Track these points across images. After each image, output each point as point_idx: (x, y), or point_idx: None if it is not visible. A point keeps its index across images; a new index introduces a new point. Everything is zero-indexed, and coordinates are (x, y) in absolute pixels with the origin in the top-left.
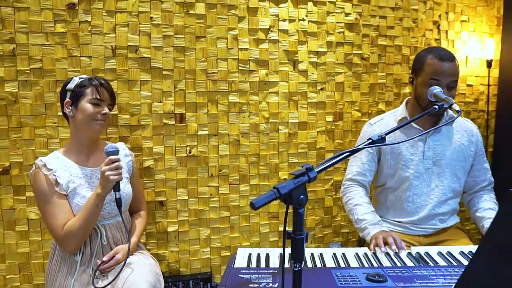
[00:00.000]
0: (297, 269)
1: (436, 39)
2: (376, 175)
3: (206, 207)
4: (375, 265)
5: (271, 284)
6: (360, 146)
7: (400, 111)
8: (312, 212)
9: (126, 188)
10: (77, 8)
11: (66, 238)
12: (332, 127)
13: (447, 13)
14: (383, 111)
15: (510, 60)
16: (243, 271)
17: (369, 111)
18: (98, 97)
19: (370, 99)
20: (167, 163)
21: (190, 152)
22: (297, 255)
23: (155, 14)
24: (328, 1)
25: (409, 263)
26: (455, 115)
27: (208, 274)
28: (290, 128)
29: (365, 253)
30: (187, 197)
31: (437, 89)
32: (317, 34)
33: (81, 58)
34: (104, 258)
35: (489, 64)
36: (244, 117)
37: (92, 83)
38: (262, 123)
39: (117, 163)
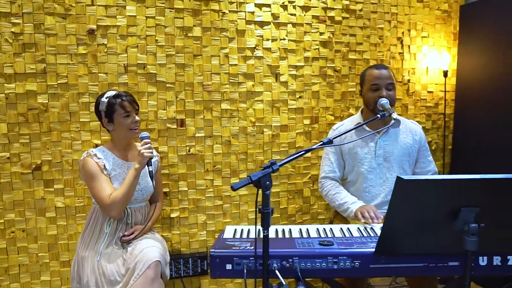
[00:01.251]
0: (265, 233)
1: (400, 53)
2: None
3: (202, 197)
4: (329, 235)
5: (248, 247)
6: (313, 147)
7: (356, 118)
8: (292, 201)
9: (149, 182)
10: (95, 33)
11: (112, 204)
12: (309, 129)
13: (409, 30)
14: (353, 115)
15: (465, 69)
16: (229, 239)
17: (341, 115)
18: (127, 110)
19: (342, 105)
20: (170, 160)
21: (189, 151)
22: (265, 224)
23: (160, 37)
24: (305, 23)
25: (356, 234)
26: (405, 121)
27: (204, 253)
28: (273, 130)
29: (324, 228)
30: (186, 189)
31: (383, 101)
32: (296, 51)
33: (99, 74)
34: (126, 233)
35: (445, 74)
36: (234, 121)
37: (117, 101)
38: (250, 126)
39: (149, 144)
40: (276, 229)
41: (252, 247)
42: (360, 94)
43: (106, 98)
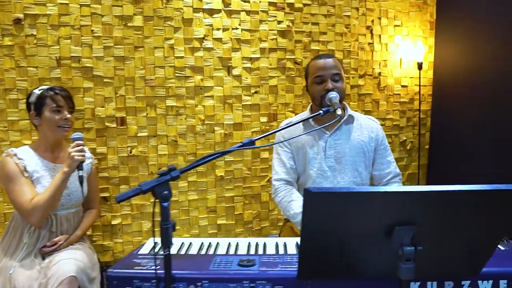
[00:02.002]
0: (166, 253)
1: (369, 43)
2: None
3: (147, 202)
4: (260, 252)
5: (153, 267)
6: (230, 149)
7: (306, 114)
8: (249, 207)
9: (85, 187)
10: (23, 23)
11: (33, 210)
12: (267, 127)
13: (379, 18)
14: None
15: (443, 62)
16: (141, 256)
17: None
18: (58, 104)
19: (303, 101)
20: (110, 162)
21: (131, 152)
22: (164, 241)
23: (96, 27)
24: (261, 10)
25: (291, 251)
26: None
27: None
28: (226, 129)
29: (257, 242)
30: None
31: (332, 95)
32: (250, 41)
33: (28, 68)
34: (48, 243)
35: (419, 66)
36: (181, 119)
37: (49, 93)
38: (199, 125)
39: (81, 147)
40: (202, 243)
41: (158, 267)
42: (307, 90)
43: (39, 90)
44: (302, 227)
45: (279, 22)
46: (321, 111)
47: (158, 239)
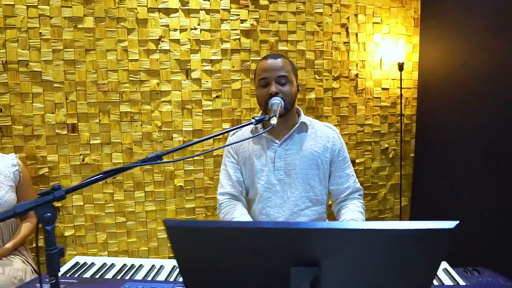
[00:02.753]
0: (53, 282)
1: (345, 42)
2: None
3: (102, 213)
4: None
5: None
6: (124, 166)
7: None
8: (212, 219)
9: (6, 195)
10: None
11: None
12: None
13: (356, 15)
14: None
15: (428, 62)
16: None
17: None
18: None
19: None
20: (61, 170)
21: (83, 160)
22: (51, 269)
23: (44, 29)
24: (222, 9)
25: None
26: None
27: None
28: (185, 136)
29: None
30: (82, 203)
31: (274, 100)
32: (211, 42)
33: None
34: None
35: (400, 67)
36: (136, 126)
37: None
38: (155, 132)
39: None
40: (124, 265)
41: None
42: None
43: None
44: (178, 264)
45: (243, 21)
46: (253, 120)
47: (92, 258)
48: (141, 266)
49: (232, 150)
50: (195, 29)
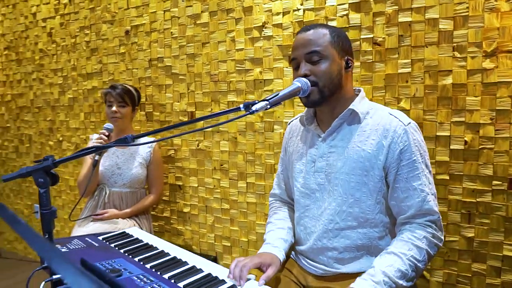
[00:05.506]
0: (46, 236)
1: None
2: None
3: (211, 197)
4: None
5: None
6: (107, 144)
7: (306, 110)
8: None
9: (134, 169)
10: (130, 33)
11: (77, 184)
12: None
13: None
14: (407, 110)
15: None
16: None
17: None
18: (109, 100)
19: (387, 95)
20: (182, 153)
21: (198, 146)
22: (45, 227)
23: (174, 29)
24: None
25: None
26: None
27: (212, 258)
28: (285, 128)
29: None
30: (197, 185)
31: (295, 82)
32: (315, 22)
33: (133, 70)
34: (98, 212)
35: None
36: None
37: (107, 91)
38: (258, 122)
39: (101, 135)
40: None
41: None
42: None
43: (104, 89)
44: None
45: None
46: (241, 105)
47: None
48: (183, 263)
49: (284, 144)
50: (298, 10)
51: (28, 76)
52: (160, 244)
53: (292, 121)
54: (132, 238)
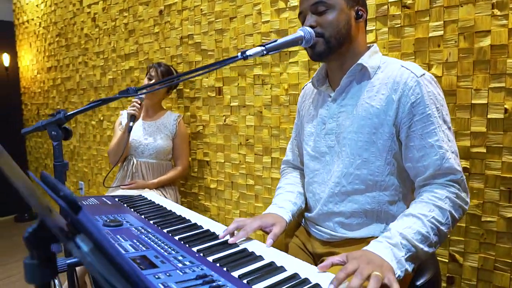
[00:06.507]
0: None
1: None
2: None
3: (236, 172)
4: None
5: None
6: (113, 97)
7: (322, 66)
8: None
9: (160, 141)
10: (163, 13)
11: (108, 153)
12: None
13: None
14: (439, 77)
15: None
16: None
17: None
18: (150, 73)
19: (417, 61)
20: (210, 129)
21: (225, 121)
22: (57, 177)
23: (203, 5)
24: None
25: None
26: (389, 65)
27: None
28: None
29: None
30: (223, 161)
31: (299, 30)
32: None
33: (165, 49)
34: (127, 182)
35: None
36: (266, 89)
37: (152, 65)
38: (283, 95)
39: (135, 103)
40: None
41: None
42: None
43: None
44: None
45: None
46: (239, 54)
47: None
48: (187, 220)
49: (298, 108)
50: None
51: (75, 60)
52: (174, 207)
53: (306, 84)
54: (146, 200)
